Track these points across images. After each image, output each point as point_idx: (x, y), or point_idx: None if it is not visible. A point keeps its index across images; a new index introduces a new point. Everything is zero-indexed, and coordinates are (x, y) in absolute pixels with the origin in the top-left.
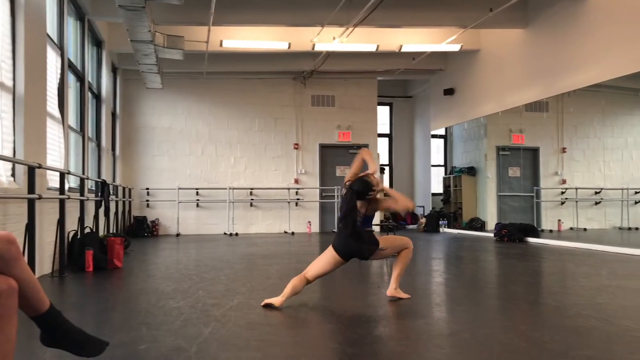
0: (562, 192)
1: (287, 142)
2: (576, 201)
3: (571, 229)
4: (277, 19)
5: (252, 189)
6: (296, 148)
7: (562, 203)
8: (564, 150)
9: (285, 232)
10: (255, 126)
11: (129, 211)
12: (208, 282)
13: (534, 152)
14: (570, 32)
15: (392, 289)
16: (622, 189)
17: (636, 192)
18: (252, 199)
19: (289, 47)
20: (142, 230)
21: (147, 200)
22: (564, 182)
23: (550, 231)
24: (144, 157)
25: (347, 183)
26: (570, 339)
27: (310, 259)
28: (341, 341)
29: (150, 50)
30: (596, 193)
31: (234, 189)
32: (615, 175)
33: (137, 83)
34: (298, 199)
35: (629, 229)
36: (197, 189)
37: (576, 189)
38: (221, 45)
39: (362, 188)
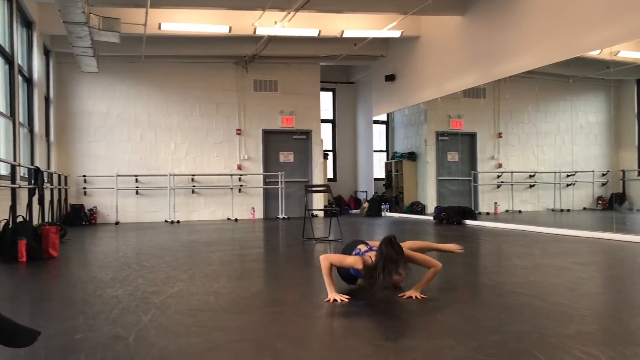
0: (498, 176)
1: (229, 128)
2: (511, 184)
3: (507, 211)
4: (217, 2)
5: (193, 175)
6: (239, 133)
7: (498, 186)
8: (500, 135)
9: (229, 218)
10: (196, 111)
11: (65, 199)
12: (148, 270)
13: (472, 137)
14: (506, 19)
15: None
16: (554, 173)
17: (568, 176)
18: (193, 186)
19: (230, 30)
20: (79, 218)
21: (84, 188)
22: (500, 166)
23: (487, 213)
24: (80, 143)
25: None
26: (504, 316)
27: (253, 244)
28: (283, 324)
29: (85, 33)
30: (530, 177)
31: (174, 175)
32: (548, 159)
33: (71, 66)
34: (241, 185)
35: (561, 210)
36: (136, 175)
37: (511, 172)
38: (159, 28)
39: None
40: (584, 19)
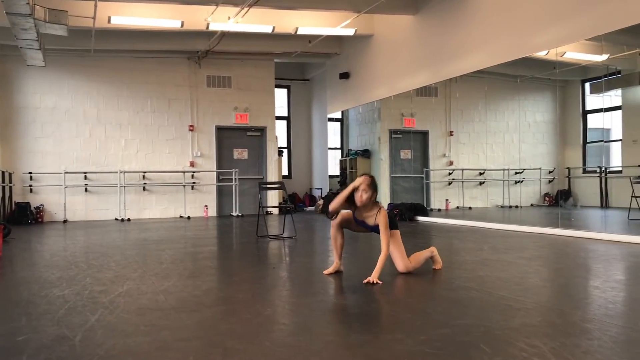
0: (450, 173)
1: (181, 124)
2: (462, 181)
3: (457, 207)
4: None
5: (144, 172)
6: (191, 130)
7: (450, 183)
8: (451, 133)
9: (181, 216)
10: (147, 107)
11: (10, 197)
12: (96, 269)
13: (424, 135)
14: (456, 20)
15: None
16: (503, 170)
17: (516, 173)
18: (145, 183)
19: (182, 25)
20: (25, 217)
21: (30, 185)
22: (451, 163)
23: (439, 210)
24: (26, 139)
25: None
26: (452, 310)
27: (206, 242)
28: (233, 322)
29: (30, 25)
30: (480, 174)
31: (125, 172)
32: (498, 157)
33: (16, 60)
34: (194, 183)
35: (510, 207)
36: (85, 172)
37: (462, 170)
38: (109, 21)
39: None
40: (531, 21)
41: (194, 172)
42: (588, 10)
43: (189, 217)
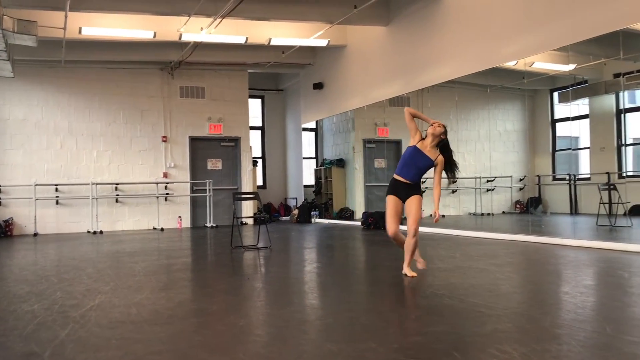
0: (422, 182)
1: (154, 135)
2: None
3: (431, 215)
4: (141, 7)
5: (117, 184)
6: (164, 141)
7: (423, 192)
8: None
9: (154, 228)
10: (120, 118)
11: None
12: (67, 282)
13: (397, 144)
14: (428, 30)
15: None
16: (475, 178)
17: (488, 181)
18: (117, 195)
19: (155, 36)
20: None
21: (0, 199)
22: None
23: None
24: None
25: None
26: (425, 317)
27: (180, 254)
28: (207, 334)
29: None
30: (453, 182)
31: (97, 184)
32: (469, 166)
33: None
34: (167, 194)
35: (482, 214)
36: (56, 185)
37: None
38: (80, 32)
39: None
40: (500, 32)
41: (167, 183)
42: (555, 22)
43: (162, 229)
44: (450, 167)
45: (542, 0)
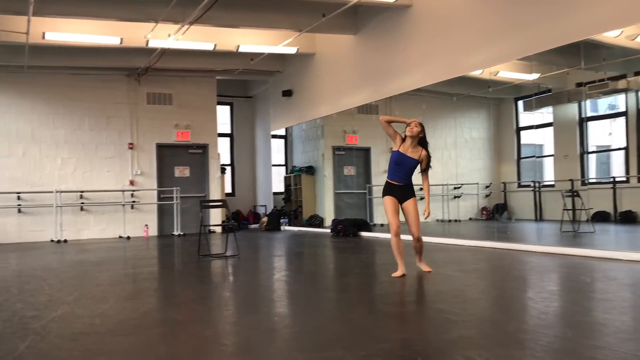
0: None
1: (121, 142)
2: None
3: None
4: (107, 13)
5: (82, 191)
6: (131, 148)
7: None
8: (392, 150)
9: (120, 236)
10: (85, 125)
11: None
12: (29, 293)
13: (366, 151)
14: (396, 40)
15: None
16: (442, 185)
17: (455, 188)
18: (82, 203)
19: (121, 42)
20: None
21: None
22: None
23: (382, 225)
24: None
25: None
26: (392, 324)
27: (146, 263)
28: (172, 344)
29: None
30: (421, 189)
31: (61, 192)
32: (437, 173)
33: None
34: (134, 202)
35: (449, 221)
36: (18, 193)
37: None
38: (44, 37)
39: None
40: (466, 42)
41: (133, 190)
42: (519, 32)
43: (128, 237)
44: (428, 160)
45: (506, 11)
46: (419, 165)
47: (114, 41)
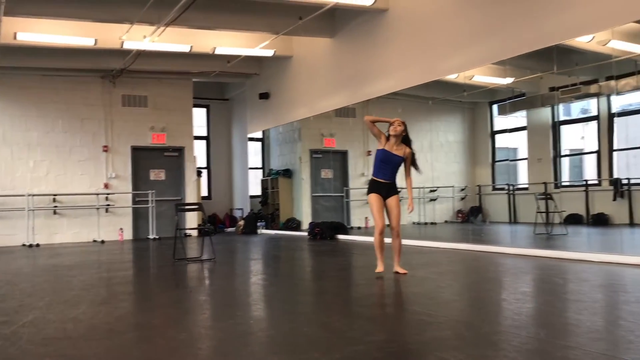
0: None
1: (95, 144)
2: None
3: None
4: (81, 14)
5: (55, 195)
6: (105, 150)
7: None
8: (369, 153)
9: (95, 240)
10: (58, 127)
11: None
12: None
13: (344, 154)
14: (373, 43)
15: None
16: (419, 188)
17: (431, 191)
18: (55, 206)
19: (95, 43)
20: None
21: None
22: None
23: (359, 228)
24: None
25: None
26: (367, 326)
27: (120, 267)
28: (146, 348)
29: None
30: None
31: (34, 195)
32: (413, 176)
33: None
34: (108, 205)
35: (425, 224)
36: None
37: None
38: (15, 37)
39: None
40: (442, 46)
41: (108, 194)
42: (493, 37)
43: (103, 241)
44: (413, 157)
45: (481, 16)
46: (403, 163)
47: (88, 42)
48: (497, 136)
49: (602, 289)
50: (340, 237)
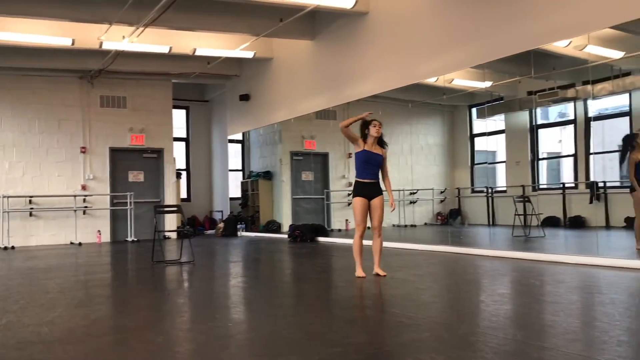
0: (349, 194)
1: (72, 146)
2: None
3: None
4: (59, 13)
5: (31, 196)
6: (83, 152)
7: (349, 204)
8: (349, 155)
9: (72, 242)
10: (35, 128)
11: None
12: None
13: (324, 157)
14: (353, 46)
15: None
16: (399, 191)
17: (411, 193)
18: (31, 208)
19: (73, 43)
20: None
21: None
22: (350, 184)
23: (339, 230)
24: None
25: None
26: (346, 329)
27: (98, 269)
28: (123, 352)
29: None
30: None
31: (9, 197)
32: (394, 178)
33: None
34: (86, 207)
35: (405, 226)
36: None
37: None
38: None
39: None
40: (421, 50)
41: (85, 195)
42: (472, 41)
43: (80, 244)
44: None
45: (460, 20)
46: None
47: (66, 42)
48: (476, 139)
49: (578, 291)
50: (321, 239)
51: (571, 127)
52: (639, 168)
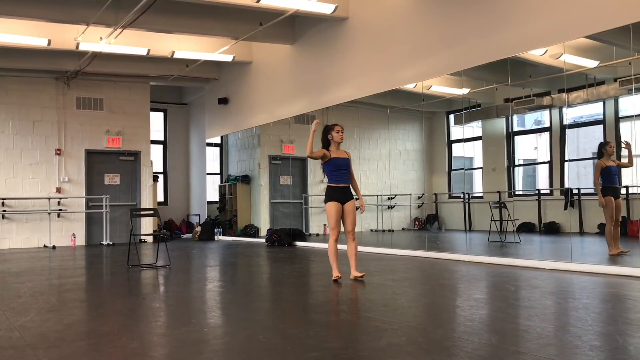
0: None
1: (47, 147)
2: None
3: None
4: (34, 13)
5: (4, 199)
6: (58, 154)
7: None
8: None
9: (46, 246)
10: (8, 129)
11: None
12: None
13: (303, 161)
14: (332, 51)
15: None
16: (377, 196)
17: (389, 198)
18: (4, 211)
19: (49, 44)
20: None
21: None
22: None
23: (317, 235)
24: None
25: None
26: (322, 333)
27: (72, 273)
28: (96, 357)
29: None
30: (356, 199)
31: None
32: (372, 183)
33: None
34: (60, 210)
35: (383, 231)
36: None
37: None
38: None
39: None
40: (400, 56)
41: (60, 198)
42: (449, 48)
43: (54, 247)
44: None
45: (438, 28)
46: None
47: (42, 42)
48: (454, 145)
49: (552, 296)
50: (299, 243)
51: (547, 134)
52: (604, 174)
